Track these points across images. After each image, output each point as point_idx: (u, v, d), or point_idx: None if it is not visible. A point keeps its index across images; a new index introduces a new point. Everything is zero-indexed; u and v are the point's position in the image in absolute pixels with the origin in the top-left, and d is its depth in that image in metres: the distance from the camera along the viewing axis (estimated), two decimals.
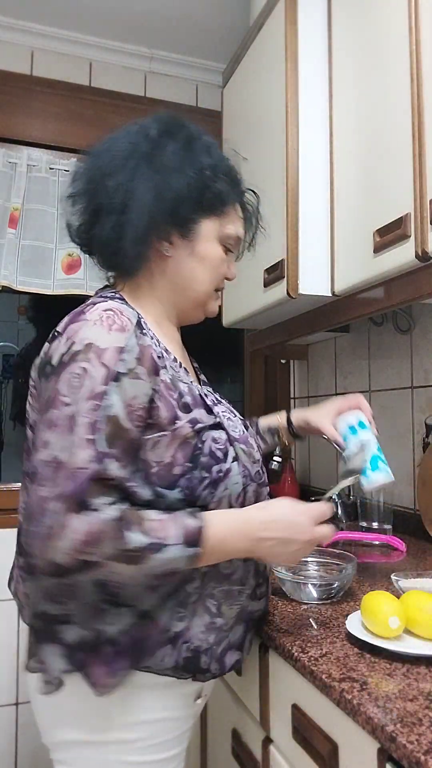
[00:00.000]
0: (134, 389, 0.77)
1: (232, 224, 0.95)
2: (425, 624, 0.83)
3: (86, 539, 0.70)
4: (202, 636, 0.83)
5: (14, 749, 1.85)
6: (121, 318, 0.80)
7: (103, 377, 0.75)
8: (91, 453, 0.72)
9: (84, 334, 0.78)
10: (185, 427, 0.82)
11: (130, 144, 0.90)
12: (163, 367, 0.83)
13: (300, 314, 1.69)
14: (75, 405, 0.74)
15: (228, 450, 0.86)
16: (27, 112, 2.04)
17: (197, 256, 0.93)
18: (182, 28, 2.07)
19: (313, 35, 1.50)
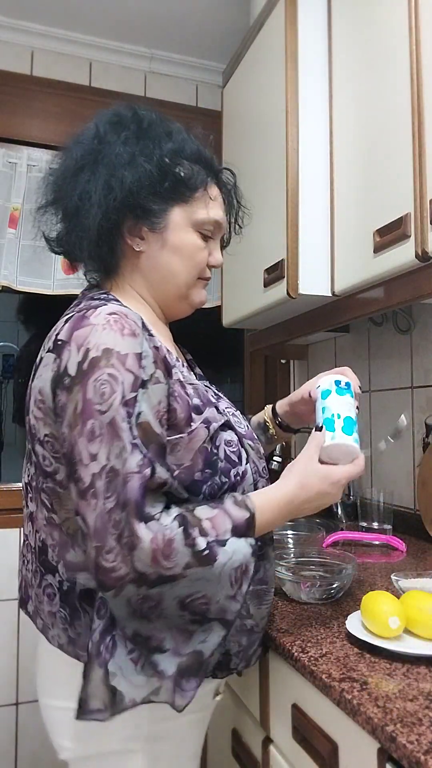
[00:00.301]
0: (158, 394, 0.77)
1: (204, 209, 0.90)
2: (425, 624, 0.83)
3: (161, 549, 0.70)
4: (233, 639, 0.84)
5: (14, 749, 1.85)
6: (128, 321, 0.77)
7: (131, 384, 0.74)
8: (140, 457, 0.72)
9: (98, 340, 0.75)
10: (201, 428, 0.81)
11: (82, 145, 0.88)
12: (174, 366, 0.82)
13: (300, 314, 1.69)
14: (112, 411, 0.72)
15: (240, 451, 0.86)
16: (27, 112, 2.04)
17: (170, 248, 0.89)
18: (182, 28, 2.07)
19: (313, 35, 1.50)
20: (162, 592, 0.72)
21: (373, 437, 1.83)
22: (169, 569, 0.71)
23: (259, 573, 0.87)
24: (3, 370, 2.39)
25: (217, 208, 0.93)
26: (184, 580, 0.72)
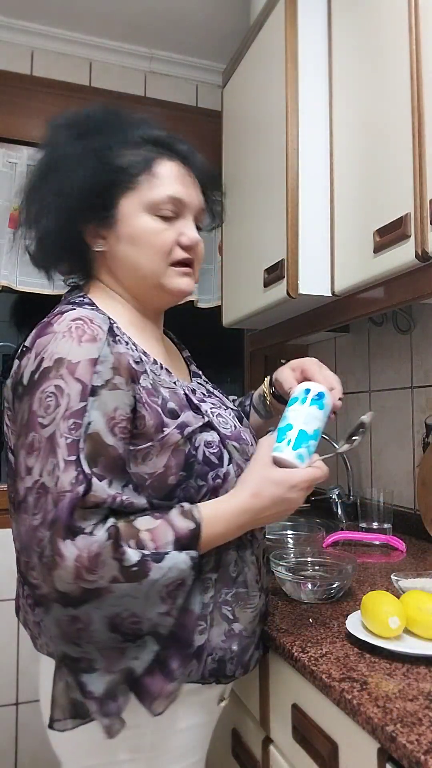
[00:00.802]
0: (114, 401, 0.74)
1: (155, 189, 0.86)
2: (425, 624, 0.83)
3: (86, 564, 0.67)
4: (224, 645, 0.82)
5: (14, 749, 1.85)
6: (91, 327, 0.76)
7: (79, 393, 0.71)
8: (74, 474, 0.69)
9: (53, 349, 0.74)
10: (173, 434, 0.78)
11: (45, 145, 0.89)
12: (143, 372, 0.79)
13: (300, 314, 1.69)
14: (52, 425, 0.70)
15: (222, 452, 0.83)
16: (27, 112, 2.04)
17: (126, 239, 0.86)
18: (182, 28, 2.07)
19: (313, 35, 1.50)
20: (89, 612, 0.69)
21: (372, 437, 1.83)
22: (93, 582, 0.68)
23: (240, 576, 0.86)
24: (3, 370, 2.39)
25: (172, 184, 0.87)
26: (111, 597, 0.69)
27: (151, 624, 0.73)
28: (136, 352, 0.81)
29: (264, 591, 0.93)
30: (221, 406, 0.94)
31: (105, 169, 0.85)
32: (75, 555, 0.67)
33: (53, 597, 0.69)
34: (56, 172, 0.85)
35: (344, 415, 2.00)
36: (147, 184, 0.86)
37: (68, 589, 0.68)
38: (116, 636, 0.72)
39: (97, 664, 0.73)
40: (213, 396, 0.97)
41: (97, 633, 0.71)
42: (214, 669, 0.81)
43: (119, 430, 0.74)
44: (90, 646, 0.72)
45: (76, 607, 0.69)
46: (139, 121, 0.91)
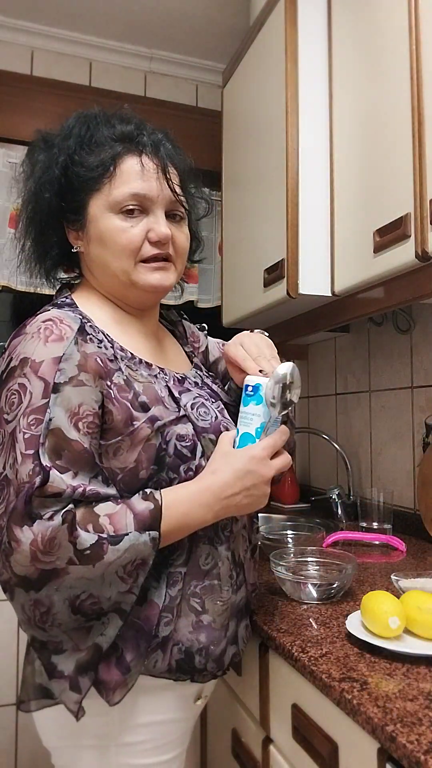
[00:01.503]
0: (79, 397, 0.76)
1: (118, 188, 0.86)
2: (425, 624, 0.83)
3: (40, 547, 0.70)
4: (191, 636, 0.82)
5: (14, 749, 1.85)
6: (60, 327, 0.78)
7: (41, 391, 0.74)
8: (31, 467, 0.71)
9: (21, 349, 0.77)
10: (143, 427, 0.79)
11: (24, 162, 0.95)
12: (117, 369, 0.81)
13: (300, 314, 1.69)
14: (14, 422, 0.74)
15: (196, 445, 0.83)
16: (27, 112, 2.04)
17: (95, 240, 0.88)
18: (182, 28, 2.07)
19: (313, 35, 1.50)
20: (50, 596, 0.72)
21: (372, 437, 1.83)
22: (50, 563, 0.70)
23: (214, 570, 0.85)
24: None
25: (134, 180, 0.86)
26: (68, 578, 0.71)
27: (111, 603, 0.75)
28: (111, 349, 0.82)
29: (244, 587, 0.92)
30: (209, 398, 0.93)
31: (71, 174, 0.88)
32: (30, 539, 0.70)
33: (14, 582, 0.72)
34: (31, 180, 0.91)
35: (344, 415, 2.00)
36: (110, 184, 0.87)
37: (26, 572, 0.70)
38: (79, 617, 0.74)
39: (65, 645, 0.76)
40: (205, 387, 0.96)
41: (60, 615, 0.73)
42: (181, 660, 0.81)
43: (84, 425, 0.76)
44: (55, 629, 0.74)
45: (37, 590, 0.71)
46: (108, 119, 0.91)
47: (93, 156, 0.87)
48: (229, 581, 0.88)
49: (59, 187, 0.88)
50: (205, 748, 1.33)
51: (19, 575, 0.71)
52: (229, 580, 0.88)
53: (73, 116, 0.93)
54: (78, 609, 0.74)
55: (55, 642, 0.75)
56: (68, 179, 0.88)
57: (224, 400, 0.97)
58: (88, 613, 0.74)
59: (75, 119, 0.92)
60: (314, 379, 2.20)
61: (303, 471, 2.26)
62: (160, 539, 0.76)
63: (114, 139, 0.88)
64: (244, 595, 0.92)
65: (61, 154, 0.89)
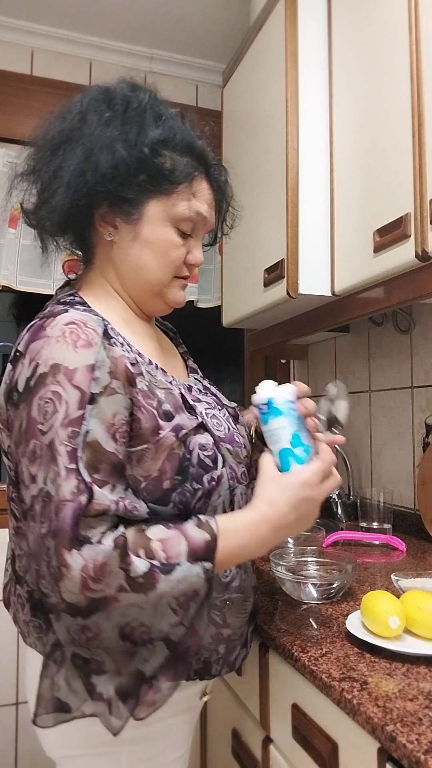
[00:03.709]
0: (113, 406, 0.72)
1: (186, 203, 0.84)
2: (425, 624, 0.83)
3: (91, 574, 0.65)
4: (210, 647, 0.82)
5: (14, 749, 1.85)
6: (85, 331, 0.73)
7: (78, 401, 0.70)
8: (75, 483, 0.67)
9: (48, 354, 0.72)
10: (169, 436, 0.76)
11: (64, 118, 0.83)
12: (139, 374, 0.77)
13: (300, 314, 1.69)
14: (51, 432, 0.69)
15: (217, 455, 0.82)
16: (27, 112, 2.04)
17: (143, 241, 0.84)
18: (182, 28, 2.07)
19: (313, 35, 1.50)
20: (99, 622, 0.68)
21: (373, 437, 1.83)
22: (99, 591, 0.66)
23: (234, 581, 0.85)
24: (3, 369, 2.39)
25: (201, 204, 0.87)
26: (118, 606, 0.67)
27: (162, 634, 0.72)
28: (132, 353, 0.79)
29: (254, 590, 0.93)
30: (216, 405, 0.92)
31: (143, 166, 0.81)
32: (81, 565, 0.65)
33: (62, 607, 0.68)
34: (82, 148, 0.80)
35: None
36: (183, 198, 0.84)
37: (75, 599, 0.66)
38: (126, 643, 0.71)
39: (106, 666, 0.72)
40: (209, 394, 0.95)
41: (108, 640, 0.70)
42: (199, 669, 0.82)
43: (120, 435, 0.73)
44: (100, 651, 0.71)
45: (85, 617, 0.68)
46: (179, 118, 0.87)
47: (171, 159, 0.83)
48: (250, 591, 0.88)
49: (123, 169, 0.80)
50: (205, 748, 1.33)
51: (68, 601, 0.66)
52: (251, 591, 0.88)
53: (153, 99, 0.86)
54: (127, 636, 0.70)
55: (97, 661, 0.72)
56: (139, 169, 0.81)
57: (226, 405, 0.97)
58: (137, 641, 0.71)
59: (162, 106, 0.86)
60: (314, 379, 2.19)
61: None
62: (213, 571, 0.72)
63: (192, 152, 0.86)
64: (254, 599, 0.93)
65: (139, 136, 0.81)
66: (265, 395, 0.84)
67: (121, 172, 0.80)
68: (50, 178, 0.82)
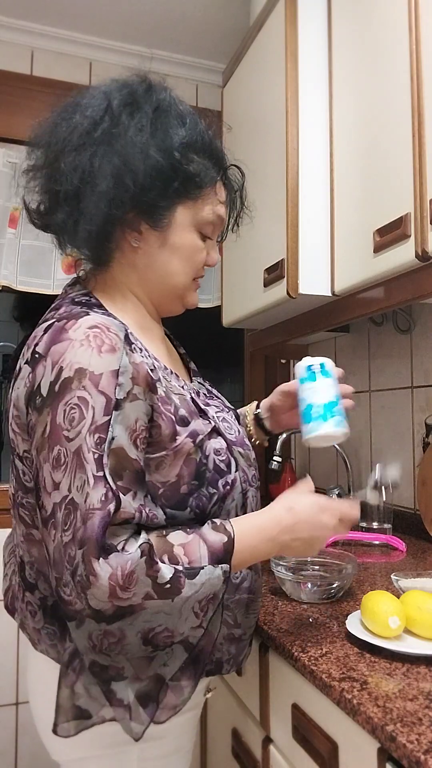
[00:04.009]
0: (136, 412, 0.72)
1: (210, 207, 0.85)
2: (425, 624, 0.83)
3: (120, 582, 0.66)
4: (223, 648, 0.83)
5: (14, 749, 1.85)
6: (109, 335, 0.72)
7: (104, 407, 0.69)
8: (103, 492, 0.67)
9: (73, 358, 0.70)
10: (186, 442, 0.77)
11: (90, 117, 0.79)
12: (158, 380, 0.77)
13: (300, 314, 1.69)
14: (79, 439, 0.68)
15: (230, 460, 0.83)
16: (27, 112, 2.04)
17: (170, 247, 0.84)
18: (182, 28, 2.07)
19: (313, 35, 1.50)
20: (123, 628, 0.68)
21: (373, 437, 1.83)
22: (127, 600, 0.66)
23: (245, 582, 0.86)
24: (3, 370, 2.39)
25: (221, 206, 0.88)
26: (144, 613, 0.68)
27: (182, 637, 0.73)
28: (150, 358, 0.79)
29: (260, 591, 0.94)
30: (223, 408, 0.93)
31: (176, 173, 0.81)
32: (109, 574, 0.65)
33: (87, 614, 0.67)
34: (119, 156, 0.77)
35: None
36: (207, 201, 0.85)
37: (102, 607, 0.66)
38: (148, 648, 0.71)
39: (126, 672, 0.73)
40: (214, 397, 0.96)
41: (130, 646, 0.70)
42: (211, 669, 0.83)
43: (140, 441, 0.73)
44: (120, 657, 0.72)
45: (109, 623, 0.68)
46: (197, 117, 0.85)
47: (198, 162, 0.83)
48: (261, 593, 0.89)
49: (159, 178, 0.79)
50: (205, 748, 1.33)
51: (95, 608, 0.66)
52: (261, 591, 0.89)
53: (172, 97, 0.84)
54: (150, 641, 0.71)
55: (116, 668, 0.72)
56: (173, 176, 0.80)
57: (228, 406, 0.98)
58: (159, 645, 0.72)
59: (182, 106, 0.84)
60: None
61: (303, 471, 2.25)
62: (230, 572, 0.74)
63: (213, 155, 0.86)
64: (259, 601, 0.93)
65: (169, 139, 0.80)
66: (320, 359, 0.93)
67: (158, 180, 0.79)
68: (77, 183, 0.78)
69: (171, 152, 0.80)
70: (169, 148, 0.79)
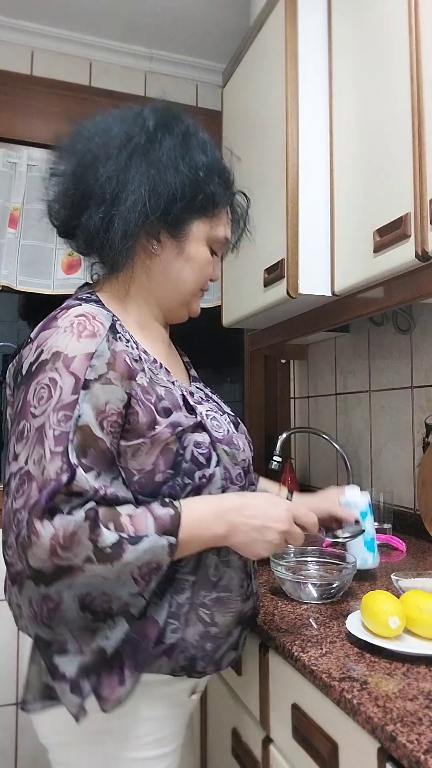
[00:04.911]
0: (106, 395, 0.76)
1: (222, 226, 0.95)
2: (425, 624, 0.83)
3: (60, 542, 0.69)
4: (198, 644, 0.83)
5: (14, 749, 1.85)
6: (93, 323, 0.79)
7: (72, 386, 0.74)
8: (60, 464, 0.71)
9: (53, 342, 0.77)
10: (164, 432, 0.80)
11: (126, 132, 0.87)
12: (141, 370, 0.82)
13: (300, 314, 1.69)
14: (43, 416, 0.73)
15: (211, 454, 0.85)
16: (27, 112, 2.04)
17: (185, 257, 0.92)
18: (182, 28, 2.07)
19: (313, 35, 1.50)
20: (60, 591, 0.71)
21: (373, 437, 1.83)
22: (67, 560, 0.70)
23: (222, 581, 0.86)
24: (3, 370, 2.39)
25: (228, 228, 0.97)
26: (83, 576, 0.71)
27: (121, 603, 0.75)
28: (136, 350, 0.84)
29: (252, 598, 0.93)
30: (218, 410, 0.96)
31: (199, 189, 0.89)
32: (51, 533, 0.69)
33: (26, 574, 0.71)
34: (155, 168, 0.85)
35: (344, 415, 2.00)
36: (220, 220, 0.94)
37: (42, 566, 0.69)
38: (87, 615, 0.74)
39: (68, 646, 0.75)
40: (211, 401, 0.98)
41: (68, 612, 0.73)
42: (185, 665, 0.83)
43: (108, 424, 0.76)
44: (62, 627, 0.74)
45: (48, 585, 0.71)
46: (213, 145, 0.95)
47: (217, 184, 0.92)
48: (239, 591, 0.89)
49: (187, 191, 0.87)
50: (205, 748, 1.33)
51: (34, 568, 0.70)
52: (240, 589, 0.89)
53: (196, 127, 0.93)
54: (87, 606, 0.73)
55: (59, 642, 0.75)
56: (197, 192, 0.89)
57: (227, 412, 1.00)
58: (97, 611, 0.74)
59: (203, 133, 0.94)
60: (314, 379, 2.20)
61: (303, 471, 2.26)
62: (177, 546, 0.76)
63: (226, 179, 0.95)
64: (252, 605, 0.93)
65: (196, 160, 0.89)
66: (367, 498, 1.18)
67: (184, 194, 0.87)
68: (116, 186, 0.84)
69: (197, 171, 0.88)
70: (196, 167, 0.88)
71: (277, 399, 2.34)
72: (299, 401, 2.31)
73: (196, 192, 0.88)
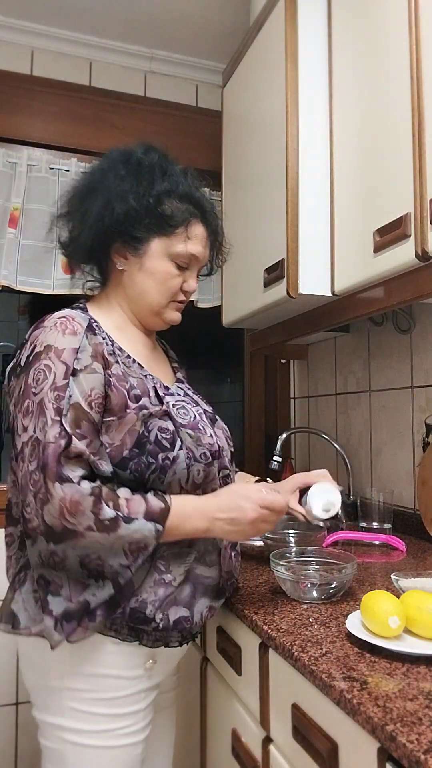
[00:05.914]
0: (91, 382, 0.92)
1: (182, 243, 1.03)
2: (425, 623, 0.83)
3: (67, 506, 0.84)
4: (150, 590, 0.94)
5: (14, 749, 1.85)
6: (72, 323, 0.94)
7: (63, 372, 0.90)
8: (58, 430, 0.86)
9: (43, 338, 0.93)
10: (131, 414, 0.94)
11: (92, 174, 1.05)
12: (115, 362, 0.97)
13: (300, 314, 1.69)
14: (42, 393, 0.89)
15: (175, 439, 0.97)
16: (27, 112, 2.04)
17: (146, 271, 1.03)
18: (182, 28, 2.07)
19: (313, 35, 1.50)
20: (65, 550, 0.86)
21: (373, 437, 1.83)
22: (72, 525, 0.84)
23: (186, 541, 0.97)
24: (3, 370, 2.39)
25: (196, 244, 1.04)
26: (83, 540, 0.85)
27: (112, 571, 0.89)
28: (111, 346, 0.98)
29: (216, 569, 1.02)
30: (191, 403, 1.07)
31: (149, 213, 1.00)
32: (60, 497, 0.84)
33: (40, 530, 0.85)
34: (103, 197, 1.00)
35: (344, 415, 2.00)
36: (178, 238, 1.03)
37: (53, 523, 0.84)
38: (84, 571, 0.88)
39: (63, 591, 0.89)
40: (188, 397, 1.08)
41: (70, 564, 0.88)
42: (134, 609, 0.92)
43: (95, 404, 0.92)
44: (62, 573, 0.89)
45: (56, 543, 0.86)
46: (182, 174, 1.05)
47: (173, 206, 1.02)
48: (197, 552, 0.99)
49: (132, 216, 1.00)
50: (205, 748, 1.33)
51: (48, 524, 0.84)
52: (198, 552, 0.99)
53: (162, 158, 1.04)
54: (85, 565, 0.88)
55: (56, 584, 0.89)
56: (145, 215, 1.00)
57: (205, 408, 1.10)
58: (92, 569, 0.88)
59: (170, 164, 1.05)
60: (314, 379, 2.20)
61: (303, 470, 2.25)
62: (162, 532, 0.90)
63: (191, 200, 1.04)
64: (216, 577, 1.01)
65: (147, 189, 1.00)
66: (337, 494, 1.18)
67: (131, 217, 1.00)
68: (79, 220, 1.04)
69: (146, 197, 1.00)
70: (145, 194, 1.00)
71: (277, 399, 2.34)
72: (299, 401, 2.31)
73: (146, 215, 1.00)
